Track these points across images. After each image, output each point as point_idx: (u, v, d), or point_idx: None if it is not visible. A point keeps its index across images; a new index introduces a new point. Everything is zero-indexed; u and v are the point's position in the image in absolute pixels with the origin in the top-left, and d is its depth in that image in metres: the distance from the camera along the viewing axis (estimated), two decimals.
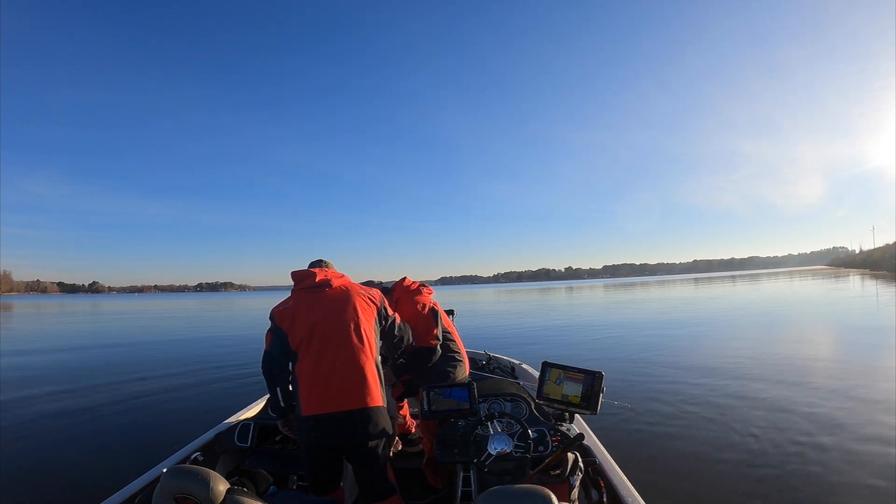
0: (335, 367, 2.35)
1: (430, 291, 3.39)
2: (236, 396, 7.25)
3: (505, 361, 5.05)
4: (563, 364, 2.55)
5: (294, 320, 2.45)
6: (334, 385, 2.33)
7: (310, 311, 2.46)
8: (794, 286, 45.17)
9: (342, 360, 2.37)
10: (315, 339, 2.39)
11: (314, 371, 2.36)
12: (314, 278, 2.53)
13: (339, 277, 2.63)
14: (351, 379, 2.35)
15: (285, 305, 2.54)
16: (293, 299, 2.55)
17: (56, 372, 10.65)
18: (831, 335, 13.34)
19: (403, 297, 3.28)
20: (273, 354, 2.50)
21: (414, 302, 3.24)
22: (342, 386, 2.34)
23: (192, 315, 35.01)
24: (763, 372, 8.28)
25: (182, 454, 2.82)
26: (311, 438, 2.39)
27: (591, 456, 2.71)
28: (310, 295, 2.52)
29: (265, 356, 2.53)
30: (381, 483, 2.45)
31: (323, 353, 2.37)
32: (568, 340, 13.68)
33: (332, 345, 2.39)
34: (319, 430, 2.34)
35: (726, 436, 5.18)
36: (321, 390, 2.33)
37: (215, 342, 15.92)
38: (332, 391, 2.33)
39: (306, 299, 2.51)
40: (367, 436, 2.35)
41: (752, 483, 4.07)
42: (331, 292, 2.53)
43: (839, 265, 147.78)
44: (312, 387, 2.35)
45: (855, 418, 5.59)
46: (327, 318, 2.43)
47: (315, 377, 2.35)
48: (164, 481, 1.67)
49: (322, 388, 2.33)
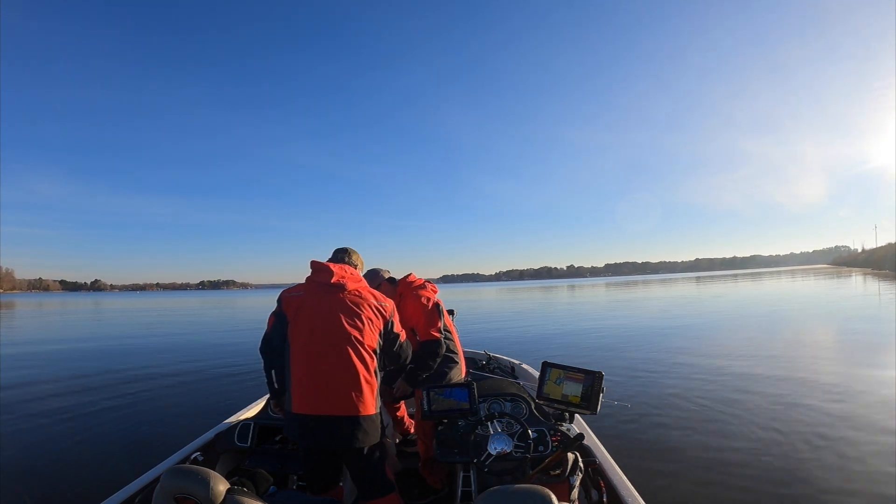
0: (331, 372, 2.34)
1: (434, 289, 3.41)
2: (236, 396, 7.27)
3: (505, 361, 5.05)
4: (563, 364, 2.54)
5: (299, 312, 2.43)
6: (327, 389, 2.33)
7: (317, 309, 2.43)
8: (796, 285, 45.12)
9: (340, 367, 2.35)
10: (316, 340, 2.38)
11: (310, 371, 2.35)
12: (330, 277, 2.48)
13: (355, 281, 2.57)
14: (345, 386, 2.34)
15: (296, 293, 2.51)
16: (305, 289, 2.52)
17: (56, 371, 10.68)
18: (833, 334, 13.32)
19: (407, 293, 3.30)
20: (272, 339, 2.50)
21: (417, 297, 3.26)
22: (335, 391, 2.33)
23: (193, 313, 35.07)
24: (765, 372, 8.27)
25: (182, 454, 2.83)
26: (298, 437, 2.42)
27: (591, 456, 2.71)
28: (322, 292, 2.48)
29: (265, 339, 2.53)
30: (378, 481, 2.45)
31: (322, 355, 2.36)
32: (568, 340, 13.66)
33: (333, 350, 2.37)
34: (306, 429, 2.34)
35: (727, 436, 5.18)
36: (314, 391, 2.33)
37: (215, 341, 15.94)
38: (324, 394, 2.32)
39: (317, 296, 2.47)
40: (353, 442, 2.34)
41: (753, 483, 4.06)
42: (343, 296, 2.49)
43: (841, 264, 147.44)
44: (306, 386, 2.35)
45: (858, 419, 5.58)
46: (332, 323, 2.41)
47: (309, 377, 2.35)
48: (164, 481, 1.68)
49: (315, 389, 2.33)
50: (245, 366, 10.46)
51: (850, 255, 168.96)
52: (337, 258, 2.68)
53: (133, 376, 9.73)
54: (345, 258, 2.68)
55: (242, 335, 17.47)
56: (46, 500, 4.15)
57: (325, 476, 2.52)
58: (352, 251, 2.75)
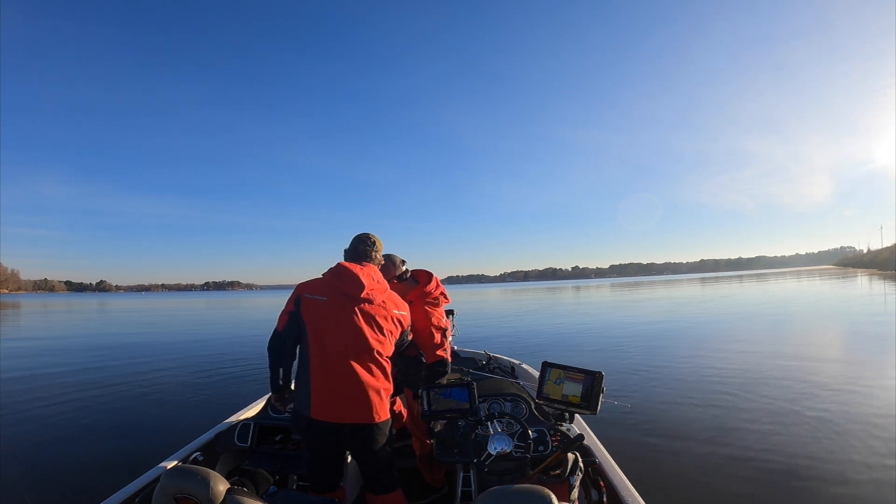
0: (353, 382, 2.32)
1: (447, 298, 3.18)
2: (236, 396, 7.28)
3: (505, 361, 5.04)
4: (564, 364, 2.54)
5: (321, 318, 2.35)
6: (349, 399, 2.32)
7: (344, 321, 2.35)
8: (801, 286, 44.89)
9: (362, 379, 2.33)
10: (340, 351, 2.33)
11: (331, 380, 2.32)
12: (360, 291, 2.36)
13: (382, 291, 2.48)
14: (365, 395, 2.33)
15: (319, 297, 2.38)
16: (329, 294, 2.38)
17: (57, 371, 10.75)
18: (838, 336, 13.24)
19: (419, 302, 3.01)
20: (284, 338, 2.41)
21: (429, 313, 3.00)
22: (356, 401, 2.33)
23: (196, 314, 35.19)
24: (766, 372, 8.24)
25: (182, 454, 2.83)
26: (313, 441, 2.40)
27: (591, 456, 2.70)
28: (349, 303, 2.38)
29: (275, 337, 2.43)
30: (385, 477, 2.47)
31: (344, 367, 2.33)
32: (568, 340, 13.66)
33: (357, 362, 2.34)
34: (323, 434, 2.33)
35: (727, 436, 5.16)
36: (334, 401, 2.31)
37: (217, 341, 15.98)
38: (345, 404, 2.32)
39: (343, 306, 2.37)
40: (371, 445, 2.37)
41: (754, 483, 4.05)
42: (369, 309, 2.41)
43: (847, 265, 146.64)
44: (326, 395, 2.32)
45: (861, 420, 5.54)
46: (359, 337, 2.36)
47: (330, 386, 2.32)
48: (164, 481, 1.68)
49: (336, 398, 2.31)
50: (245, 366, 10.52)
51: (856, 255, 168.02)
52: (360, 252, 2.53)
53: (134, 376, 9.78)
54: (370, 253, 2.54)
55: (243, 335, 17.55)
56: (46, 499, 4.17)
57: (330, 477, 2.53)
58: (375, 241, 2.58)
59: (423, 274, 3.13)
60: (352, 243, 2.59)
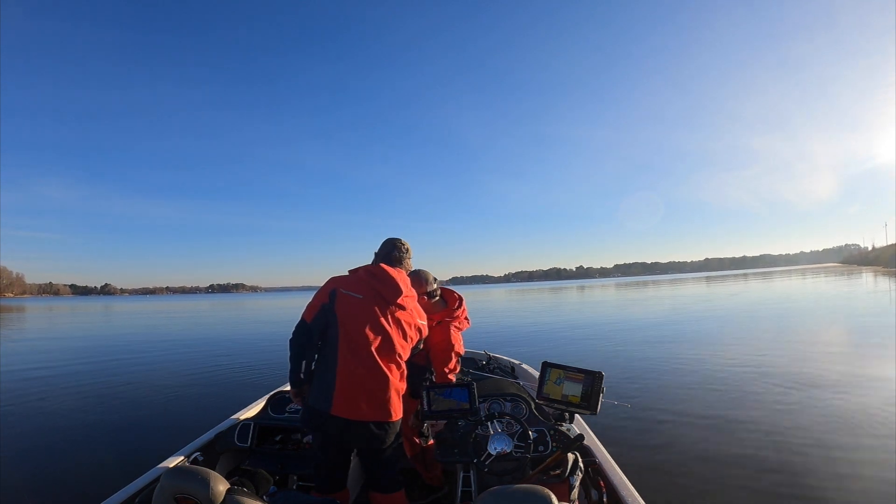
0: (377, 381, 2.37)
1: (468, 325, 3.18)
2: (236, 396, 7.30)
3: (505, 361, 5.04)
4: (563, 364, 2.53)
5: (354, 316, 2.39)
6: (371, 398, 2.36)
7: (378, 323, 2.42)
8: (806, 284, 44.67)
9: (385, 379, 2.39)
10: (371, 353, 2.38)
11: (357, 379, 2.35)
12: (397, 296, 2.46)
13: (412, 299, 2.58)
14: (385, 395, 2.39)
15: (356, 294, 2.43)
16: (365, 293, 2.44)
17: (58, 372, 10.81)
18: (841, 335, 13.16)
19: (445, 324, 3.04)
20: (312, 330, 2.40)
21: (452, 337, 3.02)
22: (377, 400, 2.37)
23: (200, 316, 35.30)
24: (768, 372, 8.20)
25: (182, 454, 2.84)
26: (330, 436, 2.40)
27: (591, 456, 2.69)
28: (384, 306, 2.46)
29: (302, 327, 2.40)
30: (389, 477, 2.50)
31: (372, 368, 2.37)
32: (569, 340, 13.64)
33: (383, 363, 2.40)
34: (341, 430, 2.35)
35: (728, 436, 5.14)
36: (357, 399, 2.34)
37: (217, 342, 16.01)
38: (367, 402, 2.36)
39: (379, 307, 2.44)
40: (385, 442, 2.42)
41: (754, 484, 4.03)
42: (400, 315, 2.49)
43: (852, 262, 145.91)
44: (349, 389, 2.34)
45: (863, 421, 5.51)
46: (389, 340, 2.43)
47: (355, 385, 2.35)
48: (164, 481, 1.68)
49: (358, 397, 2.34)
50: (245, 366, 10.56)
51: (860, 253, 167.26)
52: (394, 258, 2.60)
53: (134, 377, 9.84)
54: (403, 259, 2.62)
55: (244, 336, 17.57)
56: (47, 499, 4.19)
57: (338, 476, 2.55)
58: (408, 249, 2.66)
59: (453, 296, 3.20)
60: (385, 247, 2.65)
